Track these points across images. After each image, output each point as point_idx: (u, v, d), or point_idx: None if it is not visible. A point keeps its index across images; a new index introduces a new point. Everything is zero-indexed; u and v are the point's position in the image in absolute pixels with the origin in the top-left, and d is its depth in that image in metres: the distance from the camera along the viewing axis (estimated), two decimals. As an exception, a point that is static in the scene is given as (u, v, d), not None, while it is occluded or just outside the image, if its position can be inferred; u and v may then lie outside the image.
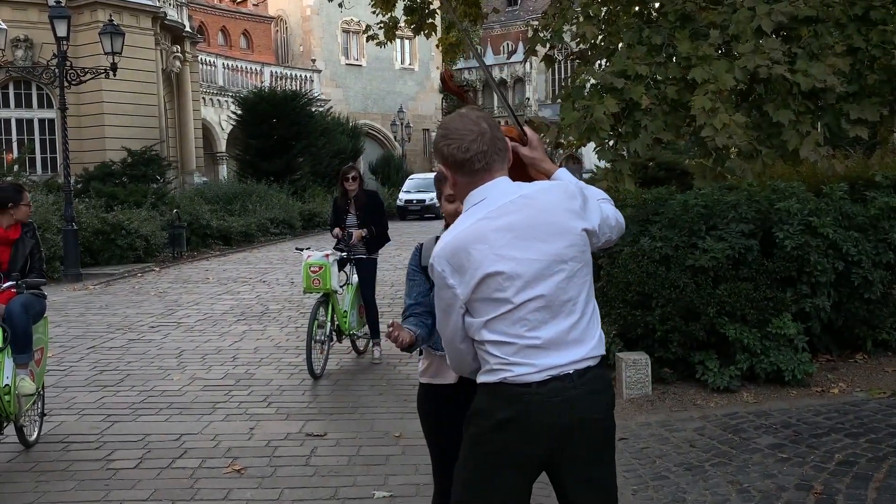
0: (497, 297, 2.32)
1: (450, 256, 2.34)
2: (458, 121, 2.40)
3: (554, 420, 2.32)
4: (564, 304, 2.35)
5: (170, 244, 17.77)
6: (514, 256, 2.31)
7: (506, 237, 2.31)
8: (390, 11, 11.33)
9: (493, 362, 2.36)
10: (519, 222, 2.33)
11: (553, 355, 2.33)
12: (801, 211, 6.34)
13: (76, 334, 9.32)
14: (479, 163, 2.36)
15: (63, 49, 15.18)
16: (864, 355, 6.62)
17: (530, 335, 2.33)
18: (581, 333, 2.38)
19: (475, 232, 2.33)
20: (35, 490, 4.64)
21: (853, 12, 7.94)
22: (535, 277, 2.32)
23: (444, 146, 2.39)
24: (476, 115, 2.41)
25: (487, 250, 2.30)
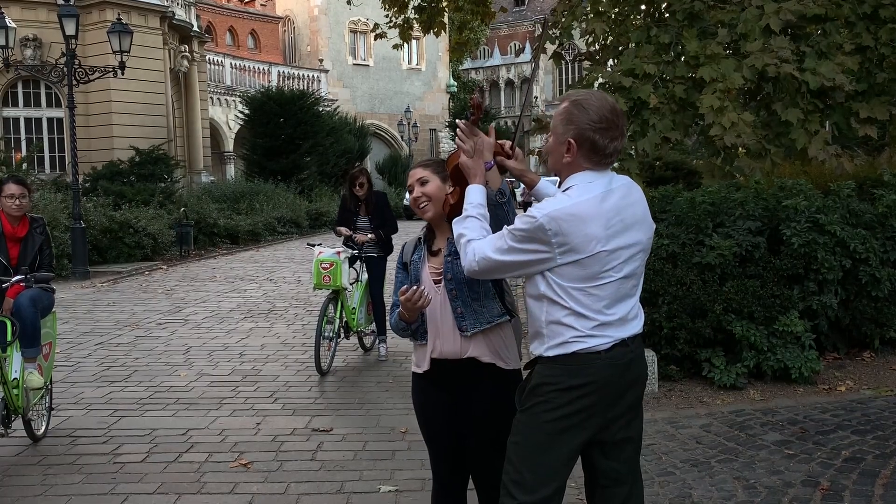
0: (592, 274, 2.51)
1: (561, 221, 2.47)
2: (607, 107, 2.53)
3: (617, 380, 2.57)
4: (634, 287, 2.63)
5: (177, 243, 17.83)
6: (619, 237, 2.52)
7: (614, 220, 2.52)
8: (404, 13, 11.35)
9: (568, 335, 2.55)
10: (624, 208, 2.55)
11: (620, 329, 2.58)
12: (809, 208, 6.33)
13: (84, 331, 9.36)
14: (610, 158, 2.57)
15: (72, 48, 15.24)
16: (872, 353, 6.60)
17: (609, 311, 2.56)
18: (637, 312, 2.67)
19: (590, 209, 2.50)
20: (42, 483, 4.66)
21: (862, 10, 7.91)
22: (627, 259, 2.56)
23: (590, 130, 2.52)
24: (619, 108, 2.57)
25: (598, 230, 2.49)
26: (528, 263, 2.55)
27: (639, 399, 2.70)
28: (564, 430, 2.57)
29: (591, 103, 2.54)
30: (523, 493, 2.56)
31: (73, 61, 15.43)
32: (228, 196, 23.64)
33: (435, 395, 2.99)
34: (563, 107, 2.61)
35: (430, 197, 2.93)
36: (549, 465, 2.57)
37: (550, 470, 2.58)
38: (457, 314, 2.88)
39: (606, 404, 2.58)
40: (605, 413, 2.59)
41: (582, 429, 2.58)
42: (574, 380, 2.54)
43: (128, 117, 23.09)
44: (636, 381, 2.66)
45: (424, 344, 2.97)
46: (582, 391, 2.54)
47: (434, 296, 2.90)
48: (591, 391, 2.54)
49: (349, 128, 33.98)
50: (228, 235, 20.56)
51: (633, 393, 2.64)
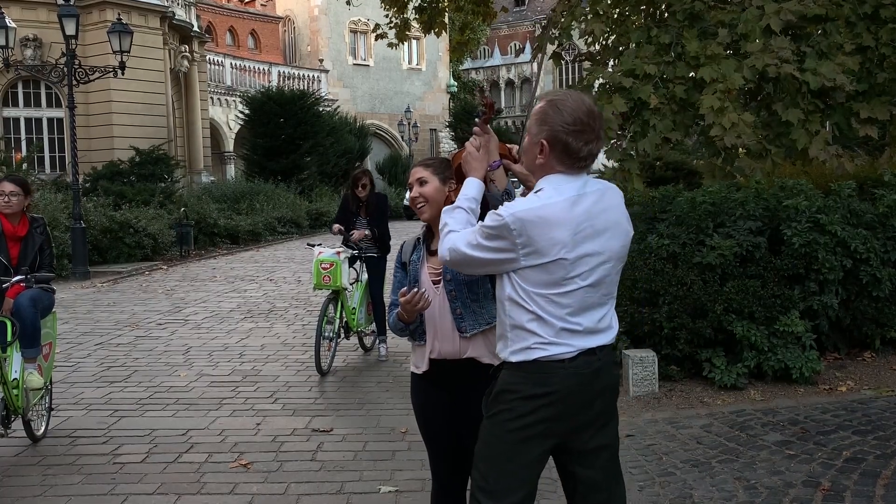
0: (557, 279, 2.45)
1: (528, 222, 2.42)
2: (582, 109, 2.46)
3: (582, 389, 2.50)
4: (605, 297, 2.55)
5: (177, 243, 17.83)
6: (587, 244, 2.45)
7: (583, 226, 2.45)
8: (402, 12, 11.34)
9: (531, 341, 2.49)
10: (597, 214, 2.48)
11: (587, 339, 2.51)
12: (810, 208, 6.32)
13: (84, 331, 9.35)
14: (584, 162, 2.50)
15: (72, 48, 15.23)
16: (873, 353, 6.59)
17: (573, 319, 2.48)
18: (609, 322, 2.58)
19: (559, 212, 2.44)
20: (42, 483, 4.66)
21: (863, 10, 7.91)
22: (595, 267, 2.48)
23: (563, 133, 2.45)
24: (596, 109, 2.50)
25: (566, 234, 2.42)
26: (494, 262, 2.50)
27: (610, 406, 2.63)
28: (528, 439, 2.51)
29: (566, 104, 2.47)
30: (490, 499, 2.52)
31: (74, 61, 15.42)
32: (228, 196, 23.64)
33: (434, 395, 2.99)
34: (539, 106, 2.54)
35: (428, 198, 2.92)
36: (514, 472, 2.52)
37: (516, 477, 2.52)
38: (456, 315, 2.88)
39: (572, 413, 2.51)
40: (570, 422, 2.52)
41: (545, 437, 2.52)
42: (536, 388, 2.47)
43: (128, 117, 23.09)
44: (605, 390, 2.58)
45: (423, 344, 2.97)
46: (545, 400, 2.47)
47: (433, 297, 2.90)
48: (555, 400, 2.48)
49: (349, 128, 33.98)
50: (228, 235, 20.56)
51: (602, 401, 2.57)
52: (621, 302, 6.45)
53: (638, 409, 5.79)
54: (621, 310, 6.42)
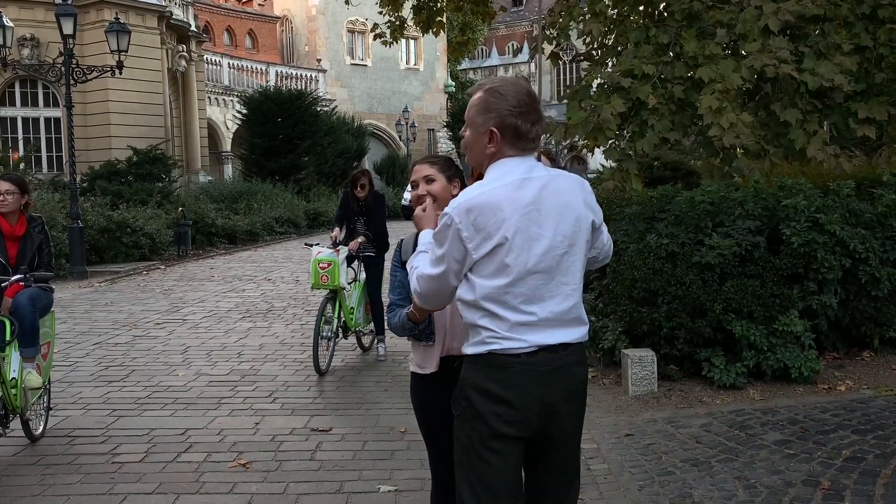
0: (505, 264, 2.39)
1: (469, 211, 2.38)
2: (523, 91, 2.47)
3: (541, 389, 2.41)
4: (563, 286, 2.45)
5: (175, 242, 17.81)
6: (532, 229, 2.39)
7: (528, 208, 2.40)
8: (398, 11, 11.34)
9: (484, 335, 2.43)
10: (542, 198, 2.42)
11: (545, 334, 2.42)
12: (808, 208, 6.32)
13: (82, 330, 9.33)
14: (533, 143, 2.49)
15: (70, 47, 15.20)
16: (871, 353, 6.59)
17: (526, 309, 2.40)
18: (574, 319, 2.49)
19: (503, 195, 2.39)
20: (41, 483, 4.65)
21: (861, 11, 7.92)
22: (544, 253, 2.41)
23: (509, 116, 2.44)
24: (534, 91, 2.53)
25: (512, 216, 2.37)
26: (457, 271, 2.43)
27: (577, 408, 2.53)
28: (494, 438, 2.42)
29: (507, 89, 2.46)
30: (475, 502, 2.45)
31: (71, 61, 15.39)
32: (226, 196, 23.62)
33: (437, 394, 2.97)
34: (478, 97, 2.51)
35: (435, 197, 2.88)
36: (493, 475, 2.43)
37: (503, 488, 2.44)
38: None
39: (533, 413, 2.42)
40: (534, 422, 2.43)
41: (510, 437, 2.43)
42: (492, 383, 2.41)
43: (125, 117, 23.06)
44: (571, 391, 2.47)
45: (431, 345, 2.91)
46: (502, 396, 2.40)
47: None
48: (512, 397, 2.40)
49: (347, 128, 33.96)
50: (226, 235, 20.54)
51: (568, 403, 2.47)
52: (620, 301, 6.46)
53: (637, 408, 5.79)
54: (621, 309, 6.43)
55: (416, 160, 3.12)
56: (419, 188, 2.93)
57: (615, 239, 7.16)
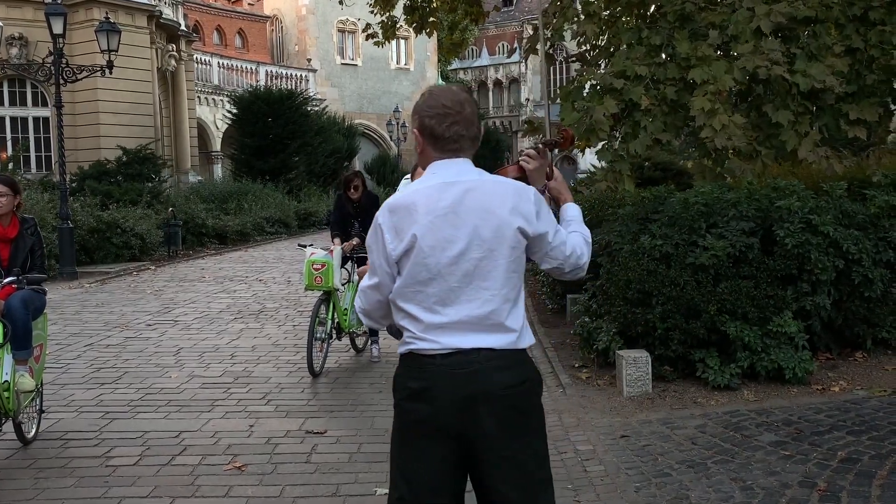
0: (419, 266, 2.42)
1: (392, 212, 2.46)
2: (448, 97, 2.51)
3: (457, 391, 2.40)
4: (481, 291, 2.43)
5: (165, 243, 17.73)
6: (445, 231, 2.41)
7: (445, 210, 2.42)
8: (389, 11, 11.31)
9: (405, 335, 2.49)
10: (462, 201, 2.43)
11: (460, 336, 2.42)
12: (802, 209, 6.35)
13: (73, 332, 9.28)
14: (454, 144, 2.49)
15: (59, 46, 15.11)
16: (864, 354, 6.63)
17: (440, 310, 2.43)
18: (496, 325, 2.45)
19: (422, 197, 2.44)
20: (34, 487, 4.61)
21: (852, 12, 7.95)
22: (457, 256, 2.42)
23: (427, 117, 2.50)
24: (464, 98, 2.52)
25: (427, 217, 2.41)
26: (390, 274, 2.48)
27: (513, 421, 2.45)
28: (418, 438, 2.45)
29: (433, 92, 2.54)
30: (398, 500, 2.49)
31: (61, 60, 15.30)
32: (216, 196, 23.55)
33: None
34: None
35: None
36: (419, 477, 2.45)
37: (422, 483, 2.45)
38: None
39: (451, 416, 2.40)
40: (455, 425, 2.41)
41: (432, 438, 2.43)
42: (412, 382, 2.45)
43: (115, 116, 22.96)
44: (492, 398, 2.41)
45: None
46: (420, 396, 2.43)
47: None
48: (428, 397, 2.41)
49: (338, 127, 33.93)
50: (217, 235, 20.48)
51: (490, 410, 2.41)
52: (614, 302, 6.47)
53: (632, 409, 5.79)
54: (615, 310, 6.44)
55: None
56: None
57: (608, 240, 7.20)
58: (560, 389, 6.40)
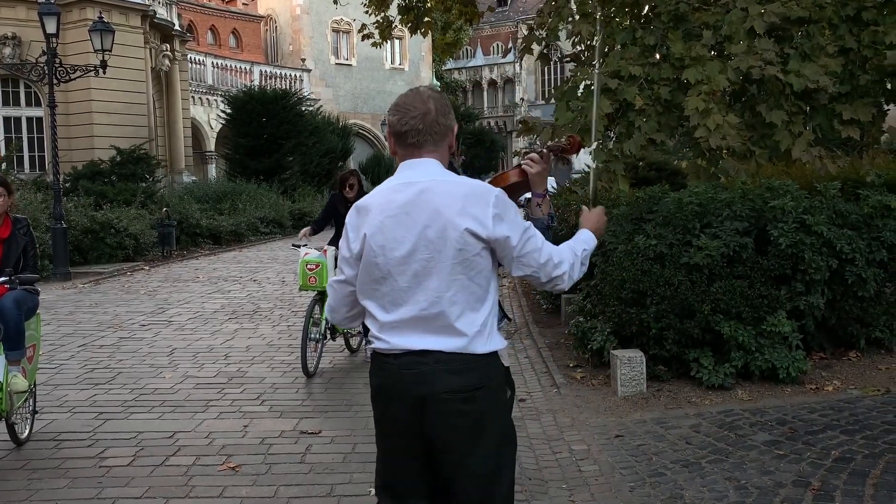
0: (371, 264, 2.49)
1: (356, 211, 2.56)
2: (409, 96, 2.56)
3: (408, 392, 2.45)
4: (430, 292, 2.43)
5: (159, 243, 17.68)
6: (395, 231, 2.45)
7: (396, 211, 2.46)
8: (384, 11, 11.31)
9: (369, 334, 2.58)
10: (415, 202, 2.45)
11: (410, 338, 2.45)
12: (796, 209, 6.36)
13: (66, 332, 9.25)
14: (412, 139, 2.51)
15: (52, 46, 15.06)
16: (858, 353, 6.64)
17: (392, 310, 2.47)
18: (445, 327, 2.44)
19: (379, 197, 2.52)
20: (27, 488, 4.60)
21: (845, 13, 7.98)
22: (406, 256, 2.44)
23: (389, 115, 2.57)
24: (427, 95, 2.55)
25: (379, 217, 2.47)
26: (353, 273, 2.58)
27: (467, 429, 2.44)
28: (387, 434, 2.55)
29: (401, 96, 2.60)
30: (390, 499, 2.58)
31: (54, 60, 15.25)
32: (211, 196, 23.49)
33: None
34: None
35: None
36: (395, 470, 2.56)
37: (398, 476, 2.55)
38: None
39: (404, 413, 2.46)
40: (408, 422, 2.46)
41: (399, 436, 2.50)
42: (374, 379, 2.56)
43: (108, 116, 22.89)
44: (443, 402, 2.42)
45: None
46: (380, 394, 2.53)
47: None
48: (385, 397, 2.50)
49: (332, 127, 33.85)
50: (211, 236, 20.42)
51: (441, 411, 2.42)
52: (609, 302, 6.47)
53: (626, 409, 5.80)
54: (609, 310, 6.44)
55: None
56: None
57: (602, 240, 7.19)
58: (555, 389, 6.40)
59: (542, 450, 5.11)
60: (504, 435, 2.53)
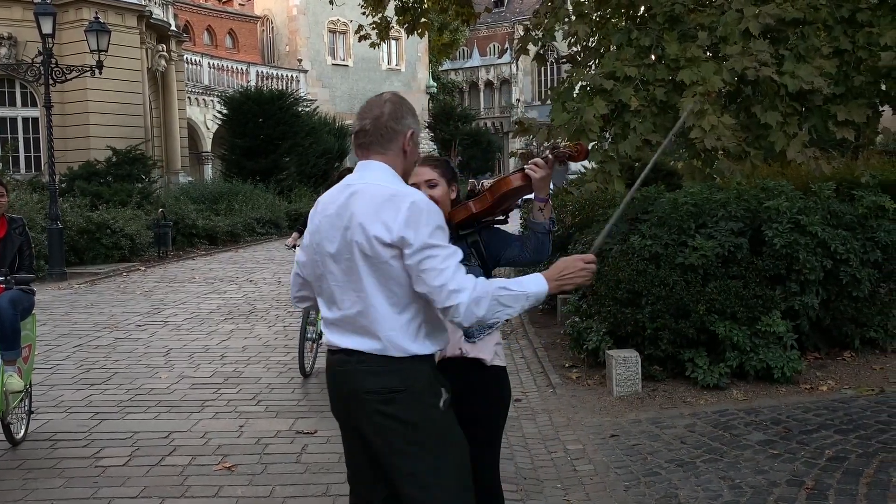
0: (312, 260, 2.60)
1: (314, 206, 2.66)
2: (371, 100, 2.65)
3: (338, 388, 2.55)
4: (352, 293, 2.47)
5: (155, 243, 17.67)
6: (328, 231, 2.52)
7: (332, 212, 2.53)
8: (382, 12, 11.31)
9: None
10: (345, 204, 2.50)
11: (338, 336, 2.52)
12: (790, 209, 6.38)
13: (62, 332, 9.25)
14: (361, 139, 2.58)
15: (48, 46, 15.05)
16: (852, 353, 6.67)
17: (329, 308, 2.57)
18: (363, 329, 2.46)
19: (326, 196, 2.62)
20: (23, 488, 4.59)
21: (840, 14, 8.00)
22: (334, 256, 2.51)
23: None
24: (385, 99, 2.60)
25: (318, 216, 2.57)
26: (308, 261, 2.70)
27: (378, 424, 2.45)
28: (342, 434, 2.67)
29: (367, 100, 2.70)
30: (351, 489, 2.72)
31: (50, 60, 15.23)
32: (207, 196, 23.46)
33: None
34: None
35: (437, 201, 2.84)
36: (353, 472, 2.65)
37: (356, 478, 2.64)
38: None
39: (340, 414, 2.59)
40: (344, 417, 2.58)
41: (344, 430, 2.62)
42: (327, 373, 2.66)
43: (104, 117, 22.86)
44: (362, 402, 2.45)
45: None
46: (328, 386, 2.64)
47: None
48: (329, 393, 2.64)
49: (329, 128, 33.83)
50: (207, 236, 20.41)
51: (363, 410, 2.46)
52: (604, 303, 6.49)
53: (621, 409, 5.81)
54: (605, 310, 6.46)
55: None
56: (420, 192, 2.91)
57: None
58: (550, 389, 6.42)
59: (538, 449, 5.12)
60: (439, 439, 2.48)
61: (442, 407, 2.49)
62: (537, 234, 2.88)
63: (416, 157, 2.65)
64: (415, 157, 2.64)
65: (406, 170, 2.61)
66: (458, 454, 2.52)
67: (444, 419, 2.51)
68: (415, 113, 2.66)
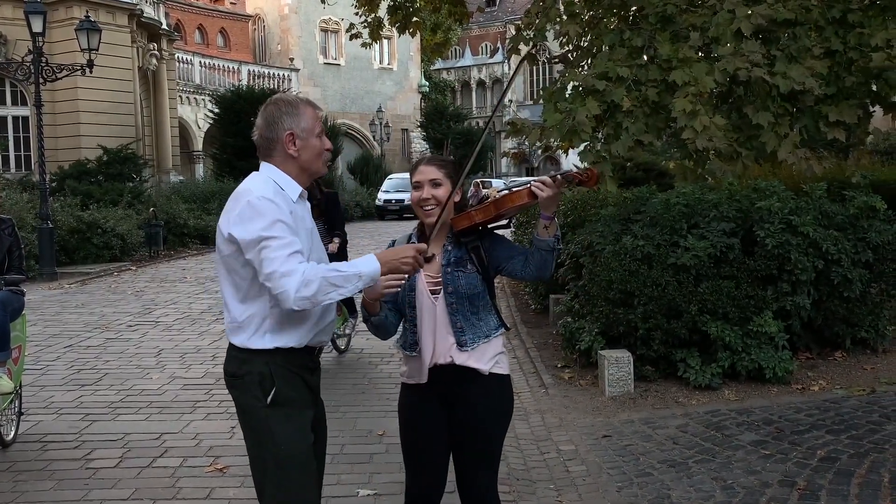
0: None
1: None
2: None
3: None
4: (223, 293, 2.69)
5: (146, 243, 17.61)
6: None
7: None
8: (374, 11, 11.28)
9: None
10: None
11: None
12: (782, 210, 6.40)
13: (52, 333, 9.20)
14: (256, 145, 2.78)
15: (39, 45, 14.97)
16: (844, 353, 6.69)
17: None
18: (230, 330, 2.68)
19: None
20: (13, 490, 4.57)
21: (831, 15, 8.02)
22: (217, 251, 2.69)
23: None
24: (263, 108, 2.78)
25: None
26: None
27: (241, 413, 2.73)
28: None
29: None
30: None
31: (41, 59, 15.15)
32: (198, 196, 23.38)
33: (429, 407, 2.91)
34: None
35: (440, 202, 2.83)
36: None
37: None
38: (456, 328, 2.82)
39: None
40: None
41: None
42: None
43: (95, 116, 22.75)
44: (226, 379, 2.76)
45: (414, 355, 2.89)
46: None
47: (430, 306, 2.84)
48: None
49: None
50: (199, 236, 20.34)
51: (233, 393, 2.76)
52: (596, 303, 6.49)
53: (614, 409, 5.82)
54: (597, 310, 6.46)
55: (420, 159, 3.00)
56: (423, 190, 2.86)
57: (590, 240, 7.21)
58: (543, 389, 6.42)
59: (530, 450, 5.12)
60: (265, 434, 2.62)
61: (268, 403, 2.59)
62: (541, 251, 2.82)
63: (313, 152, 2.69)
64: (311, 153, 2.68)
65: (304, 167, 2.70)
66: (284, 459, 2.60)
67: (273, 417, 2.59)
68: (298, 110, 2.67)
